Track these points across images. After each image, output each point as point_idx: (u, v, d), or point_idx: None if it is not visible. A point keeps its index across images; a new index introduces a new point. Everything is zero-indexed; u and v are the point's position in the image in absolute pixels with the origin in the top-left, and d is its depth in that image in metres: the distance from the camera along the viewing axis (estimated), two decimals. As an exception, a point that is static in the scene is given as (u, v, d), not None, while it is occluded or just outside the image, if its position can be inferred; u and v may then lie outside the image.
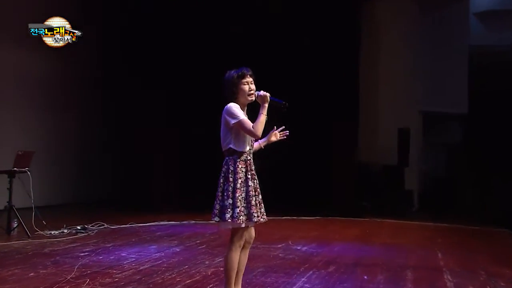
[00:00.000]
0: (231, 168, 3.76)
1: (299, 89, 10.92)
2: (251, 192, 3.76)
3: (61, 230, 7.73)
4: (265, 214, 3.87)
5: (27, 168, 7.49)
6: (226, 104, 3.83)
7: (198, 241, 7.24)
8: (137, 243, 7.02)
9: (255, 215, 3.75)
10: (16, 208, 7.37)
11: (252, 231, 3.96)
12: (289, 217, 10.01)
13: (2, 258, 5.93)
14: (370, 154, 12.27)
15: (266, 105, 3.83)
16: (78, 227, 7.93)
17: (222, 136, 3.85)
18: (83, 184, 11.92)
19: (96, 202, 11.62)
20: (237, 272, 3.91)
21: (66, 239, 7.23)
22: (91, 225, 8.19)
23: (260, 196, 3.87)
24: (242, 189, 3.74)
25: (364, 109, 11.72)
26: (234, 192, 3.72)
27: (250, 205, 3.73)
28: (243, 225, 3.75)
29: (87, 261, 5.84)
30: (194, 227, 8.67)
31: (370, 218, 10.35)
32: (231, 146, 3.80)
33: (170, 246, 6.84)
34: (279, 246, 7.02)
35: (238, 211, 3.70)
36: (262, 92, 3.88)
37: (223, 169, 3.81)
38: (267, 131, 4.00)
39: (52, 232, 7.57)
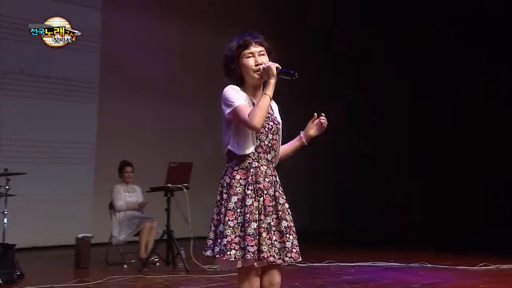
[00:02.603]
0: (227, 180, 2.74)
1: None
2: (248, 215, 2.63)
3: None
4: (288, 251, 2.67)
5: (185, 184, 6.13)
6: None
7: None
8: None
9: (251, 250, 2.59)
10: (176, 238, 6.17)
11: (274, 275, 2.73)
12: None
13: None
14: None
15: (273, 81, 2.71)
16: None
17: (223, 134, 2.82)
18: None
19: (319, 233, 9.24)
20: None
21: (221, 276, 5.56)
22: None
23: (282, 224, 2.69)
24: (238, 210, 2.67)
25: None
26: (225, 214, 2.67)
27: (245, 234, 2.62)
28: (239, 264, 2.65)
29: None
30: (413, 272, 5.90)
31: None
32: (229, 147, 2.77)
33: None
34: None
35: (226, 242, 2.63)
36: (268, 64, 2.72)
37: (221, 181, 2.78)
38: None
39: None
